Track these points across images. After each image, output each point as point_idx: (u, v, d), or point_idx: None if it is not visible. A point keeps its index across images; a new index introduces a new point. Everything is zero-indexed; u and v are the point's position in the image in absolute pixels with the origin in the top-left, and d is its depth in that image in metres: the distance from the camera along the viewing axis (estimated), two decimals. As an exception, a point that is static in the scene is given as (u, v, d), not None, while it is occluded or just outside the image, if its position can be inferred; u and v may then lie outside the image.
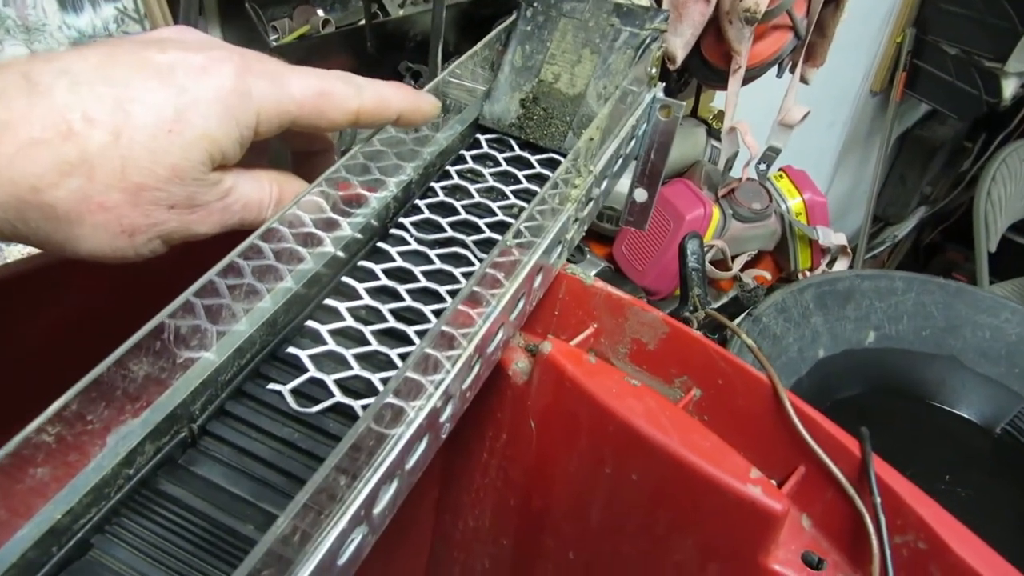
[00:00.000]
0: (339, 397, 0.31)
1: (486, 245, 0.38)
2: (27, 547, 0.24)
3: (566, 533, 0.42)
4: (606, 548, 0.40)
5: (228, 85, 0.29)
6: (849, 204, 2.39)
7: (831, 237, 0.85)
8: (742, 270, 0.83)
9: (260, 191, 0.32)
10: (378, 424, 0.26)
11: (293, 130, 0.32)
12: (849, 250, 0.86)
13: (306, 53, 0.65)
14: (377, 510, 0.28)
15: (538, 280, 0.37)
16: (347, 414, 0.31)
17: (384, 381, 0.31)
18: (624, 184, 0.78)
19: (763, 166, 0.84)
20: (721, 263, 0.82)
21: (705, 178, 0.85)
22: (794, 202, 0.85)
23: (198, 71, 0.29)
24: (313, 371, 0.31)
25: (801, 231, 0.85)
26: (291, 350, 0.32)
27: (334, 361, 0.32)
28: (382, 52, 0.72)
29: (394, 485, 0.28)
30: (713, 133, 0.92)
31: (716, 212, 0.80)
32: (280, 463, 0.29)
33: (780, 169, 0.89)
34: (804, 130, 0.86)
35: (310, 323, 0.33)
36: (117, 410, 0.26)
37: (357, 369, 0.32)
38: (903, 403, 0.66)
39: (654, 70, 0.45)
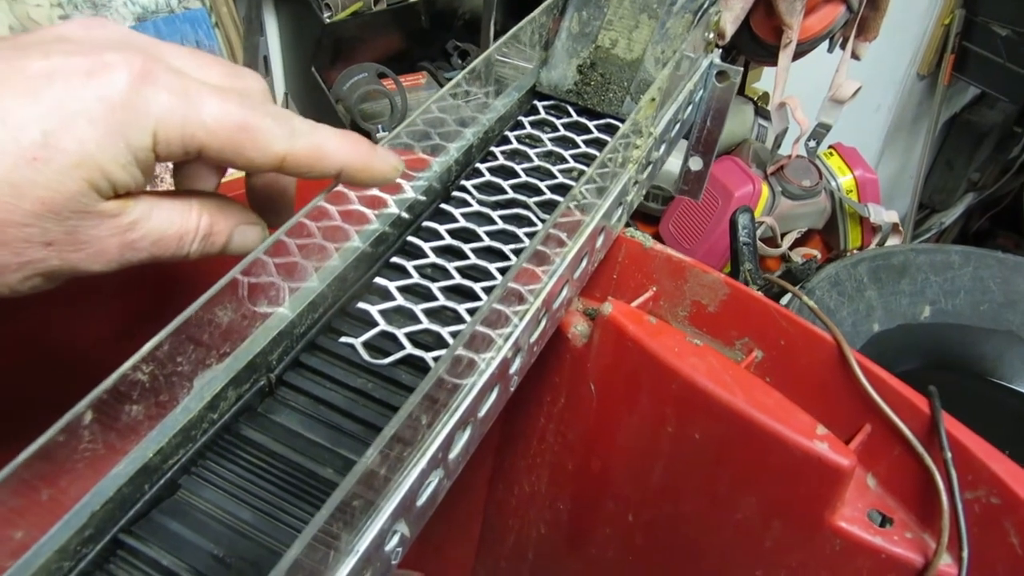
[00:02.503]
0: (410, 349, 0.31)
1: (547, 207, 0.38)
2: (122, 483, 0.25)
3: (626, 495, 0.42)
4: (666, 509, 0.40)
5: (116, 96, 0.24)
6: (895, 190, 2.35)
7: (882, 215, 0.83)
8: (791, 248, 0.83)
9: (182, 223, 0.28)
10: (453, 373, 0.27)
11: (208, 162, 0.28)
12: (901, 228, 0.85)
13: (359, 30, 0.66)
14: (452, 455, 0.28)
15: (600, 240, 0.38)
16: (418, 366, 0.31)
17: (453, 335, 0.32)
18: (673, 163, 0.78)
19: (813, 143, 0.83)
20: (770, 241, 0.81)
21: (753, 156, 0.84)
22: (844, 179, 0.84)
23: (81, 79, 0.24)
24: (384, 325, 0.32)
25: (851, 208, 0.84)
26: (361, 305, 0.33)
27: (403, 316, 0.33)
28: (432, 30, 0.73)
29: (467, 432, 0.29)
30: (760, 112, 0.91)
31: (765, 189, 0.80)
32: (355, 411, 0.30)
33: (830, 146, 0.88)
34: (850, 114, 0.85)
35: (378, 280, 0.34)
36: (203, 355, 0.27)
37: (426, 323, 0.32)
38: (960, 378, 0.64)
39: (711, 35, 0.45)
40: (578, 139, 0.42)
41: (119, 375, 0.24)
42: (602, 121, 0.43)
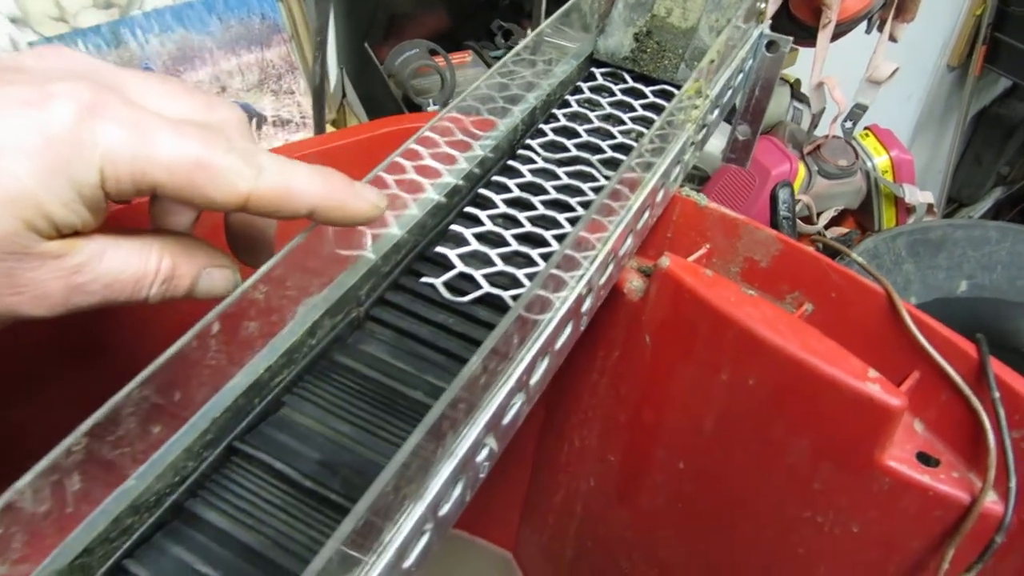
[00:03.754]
0: (487, 288, 0.33)
1: (609, 164, 0.40)
2: (238, 395, 0.28)
3: (677, 443, 0.44)
4: (717, 455, 0.42)
5: (59, 129, 0.22)
6: (922, 183, 2.33)
7: (917, 195, 0.85)
8: (826, 228, 0.84)
9: (139, 265, 0.26)
10: (540, 301, 0.29)
11: (167, 199, 0.26)
12: (936, 209, 0.86)
13: (410, 7, 0.68)
14: (533, 380, 0.30)
15: (660, 195, 0.40)
16: (495, 305, 0.33)
17: (528, 277, 0.34)
18: (713, 144, 0.80)
19: (849, 123, 0.84)
20: (806, 219, 0.82)
21: (790, 136, 0.86)
22: (880, 160, 0.85)
23: (19, 110, 0.23)
24: (461, 267, 0.34)
25: (887, 188, 0.85)
26: (439, 249, 0.35)
27: (479, 260, 0.35)
28: (477, 10, 0.75)
29: (546, 362, 0.31)
30: (796, 94, 0.93)
31: (801, 168, 0.81)
32: (438, 343, 0.32)
33: (866, 128, 0.89)
34: (879, 104, 0.86)
35: (454, 227, 0.36)
36: (306, 283, 0.30)
37: (501, 266, 0.34)
38: (996, 352, 0.66)
39: (763, 5, 0.47)
40: (635, 103, 0.44)
41: (241, 292, 0.26)
42: (657, 87, 0.45)
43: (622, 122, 0.43)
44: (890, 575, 0.39)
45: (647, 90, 0.45)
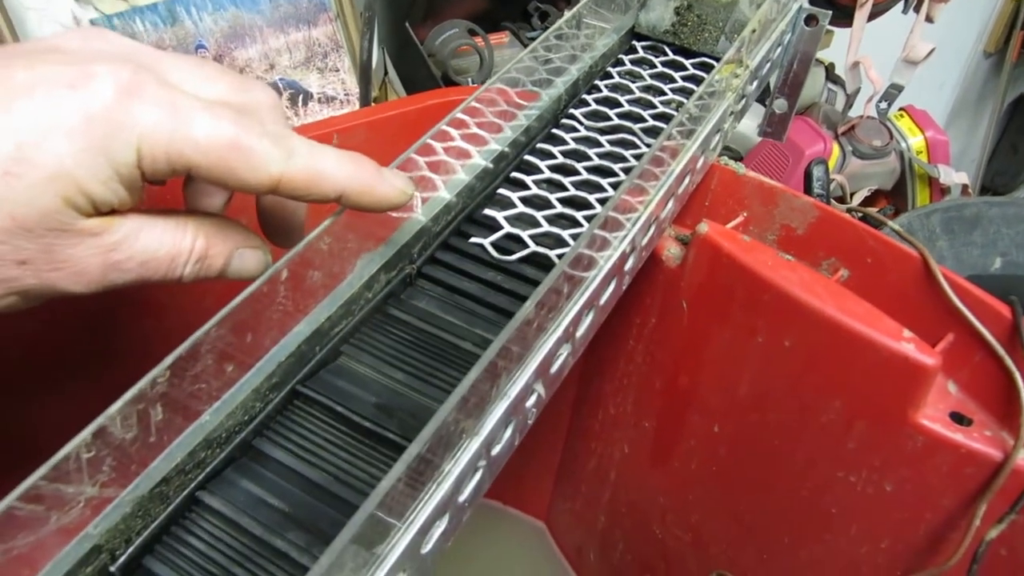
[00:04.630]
0: (534, 248, 0.35)
1: (650, 132, 0.41)
2: (301, 341, 0.29)
3: (712, 407, 0.45)
4: (752, 418, 0.43)
5: (99, 109, 0.23)
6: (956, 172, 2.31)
7: (952, 176, 0.84)
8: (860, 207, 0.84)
9: (173, 244, 0.26)
10: (590, 248, 0.30)
11: (200, 180, 0.27)
12: (971, 191, 0.86)
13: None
14: (579, 333, 0.32)
15: (700, 162, 0.41)
16: (541, 263, 0.35)
17: (573, 237, 0.35)
18: (746, 124, 0.80)
19: (884, 104, 0.84)
20: (839, 199, 0.83)
21: (824, 117, 0.86)
22: (915, 140, 0.85)
23: (62, 90, 0.23)
24: (508, 228, 0.36)
25: (921, 169, 0.85)
26: (487, 212, 0.37)
27: (525, 222, 0.36)
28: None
29: (590, 316, 0.33)
30: (831, 76, 0.93)
31: (836, 148, 0.81)
32: (487, 298, 0.34)
33: (901, 108, 0.89)
34: (912, 91, 0.86)
35: (501, 191, 0.38)
36: (363, 238, 0.31)
37: (547, 227, 0.36)
38: (1030, 329, 0.66)
39: (801, -21, 0.48)
40: (675, 75, 0.45)
41: (307, 242, 0.28)
42: (697, 59, 0.46)
43: (663, 93, 0.44)
44: (921, 533, 0.39)
45: (687, 62, 0.46)
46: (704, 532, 0.50)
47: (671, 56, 0.46)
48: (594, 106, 0.43)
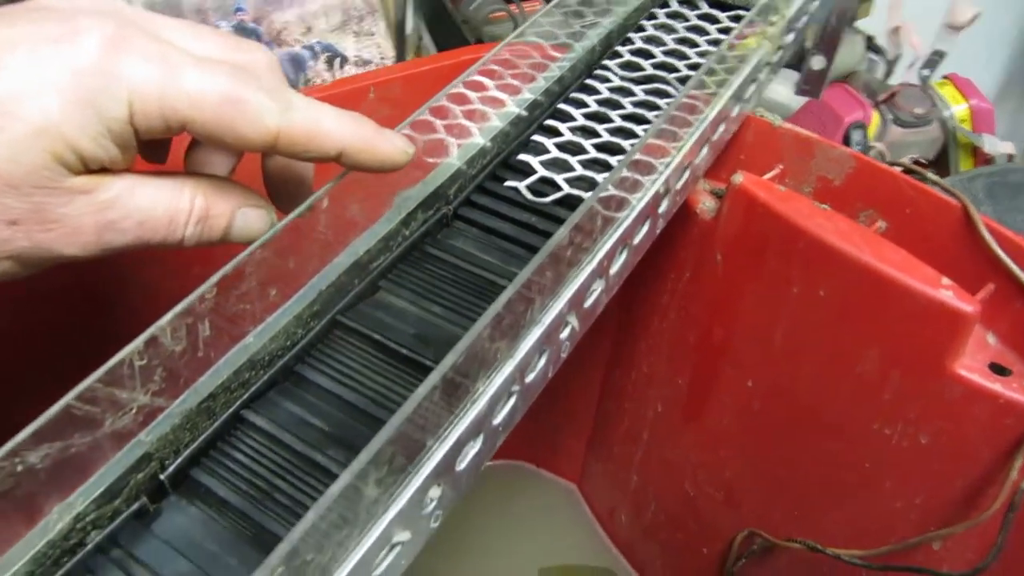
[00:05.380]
0: (568, 190, 0.35)
1: (685, 82, 0.41)
2: (341, 272, 0.30)
3: (746, 360, 0.45)
4: (786, 370, 0.43)
5: (86, 62, 0.23)
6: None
7: (997, 145, 0.83)
8: (899, 179, 0.83)
9: (170, 203, 0.26)
10: (620, 188, 0.31)
11: (198, 138, 0.26)
12: (1018, 161, 0.84)
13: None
14: (612, 270, 0.32)
15: (735, 111, 0.41)
16: (576, 206, 0.35)
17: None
18: (775, 90, 0.79)
19: (927, 71, 0.83)
20: (877, 171, 0.81)
21: (864, 85, 0.84)
22: (959, 108, 0.83)
23: (47, 45, 0.23)
24: (543, 172, 0.36)
25: (965, 138, 0.83)
26: (522, 157, 0.37)
27: (559, 166, 0.37)
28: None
29: (624, 256, 0.33)
30: (872, 45, 0.91)
31: (876, 116, 0.80)
32: (522, 238, 0.34)
33: (944, 76, 0.87)
34: (961, 59, 0.84)
35: (535, 137, 0.38)
36: (401, 175, 0.32)
37: (581, 171, 0.36)
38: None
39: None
40: (710, 27, 0.45)
41: (309, 204, 0.28)
42: (732, 12, 0.46)
43: (697, 44, 0.44)
44: (957, 487, 0.39)
45: (722, 15, 0.46)
46: (736, 489, 0.50)
47: (706, 9, 0.46)
48: (628, 57, 0.43)
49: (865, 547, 0.43)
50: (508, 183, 0.36)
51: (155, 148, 0.31)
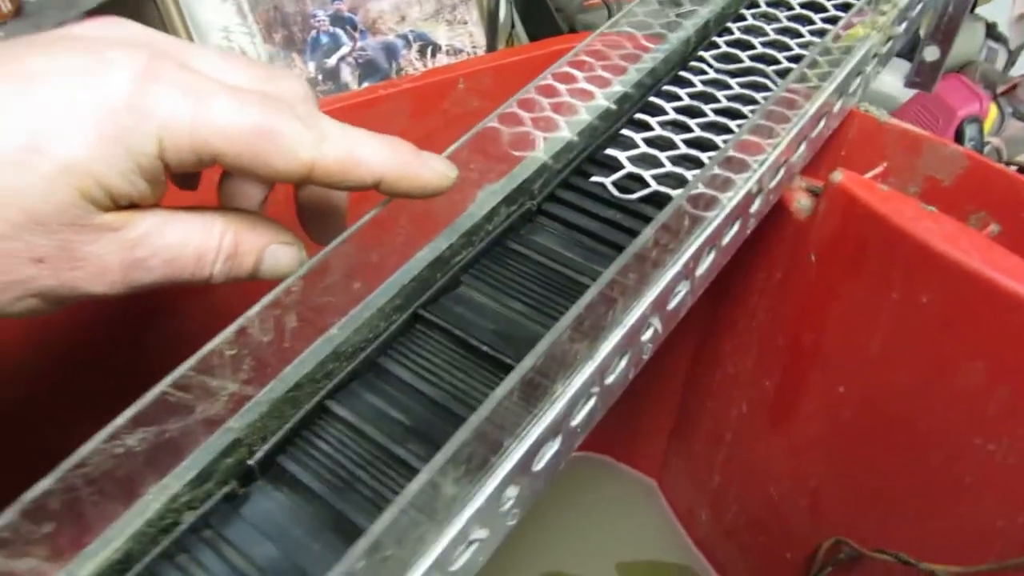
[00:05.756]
0: (656, 187, 0.34)
1: (785, 76, 0.40)
2: (423, 267, 0.30)
3: (838, 367, 0.43)
4: (881, 379, 0.41)
5: (117, 97, 0.22)
6: None
7: None
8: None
9: (201, 241, 0.25)
10: (712, 185, 0.30)
11: (229, 171, 0.25)
12: None
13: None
14: (699, 272, 0.31)
15: (837, 106, 0.39)
16: (663, 204, 0.34)
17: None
18: (882, 80, 0.75)
19: (1053, 60, 0.77)
20: (993, 166, 0.76)
21: (981, 76, 0.79)
22: (1088, 101, 0.77)
23: (78, 78, 0.22)
24: (630, 167, 0.35)
25: (1093, 134, 0.77)
26: (609, 152, 0.36)
27: (647, 162, 0.36)
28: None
29: (711, 256, 0.32)
30: (992, 33, 0.85)
31: (993, 109, 0.75)
32: (607, 236, 0.33)
33: (1073, 65, 0.81)
34: None
35: (624, 132, 0.37)
36: (486, 169, 0.32)
37: (669, 167, 0.35)
38: None
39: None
40: (815, 16, 0.43)
41: (353, 231, 0.28)
42: (840, 1, 0.44)
43: (800, 35, 0.42)
44: (1068, 511, 0.37)
45: (828, 3, 0.44)
46: (823, 497, 0.49)
47: (811, -2, 0.44)
48: (725, 48, 0.41)
49: (960, 563, 0.41)
50: (594, 178, 0.35)
51: (187, 176, 0.30)
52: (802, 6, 0.44)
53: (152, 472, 0.24)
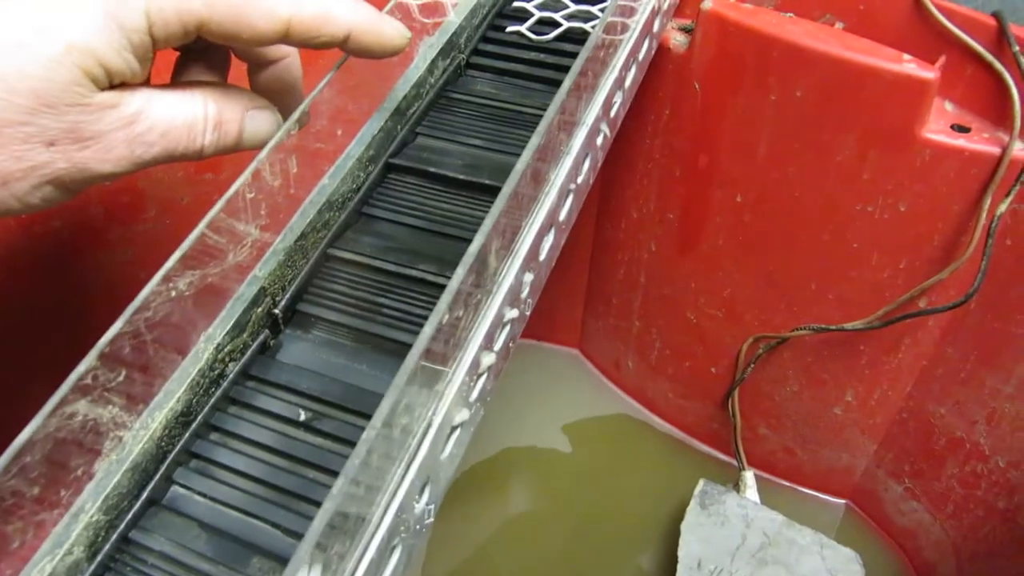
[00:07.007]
0: (568, 24, 0.38)
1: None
2: (387, 116, 0.32)
3: (733, 178, 0.49)
4: (772, 176, 0.47)
5: None
6: None
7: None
8: None
9: (188, 111, 0.26)
10: (620, 15, 0.33)
11: (211, 40, 0.26)
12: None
13: None
14: (626, 85, 0.35)
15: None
16: (577, 39, 0.38)
17: (602, 10, 0.38)
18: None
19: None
20: None
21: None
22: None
23: None
24: (540, 13, 0.39)
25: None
26: (517, 3, 0.39)
27: (551, 10, 0.39)
28: None
29: (633, 70, 0.36)
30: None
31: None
32: (535, 73, 0.37)
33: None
34: None
35: (523, -14, 0.40)
36: (420, 28, 0.34)
37: (574, 7, 0.39)
38: None
39: None
40: None
41: (313, 97, 0.30)
42: None
43: None
44: (936, 245, 0.45)
45: None
46: (737, 303, 0.55)
47: None
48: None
49: (861, 317, 0.49)
50: (509, 28, 0.38)
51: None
52: None
53: (200, 319, 0.25)
